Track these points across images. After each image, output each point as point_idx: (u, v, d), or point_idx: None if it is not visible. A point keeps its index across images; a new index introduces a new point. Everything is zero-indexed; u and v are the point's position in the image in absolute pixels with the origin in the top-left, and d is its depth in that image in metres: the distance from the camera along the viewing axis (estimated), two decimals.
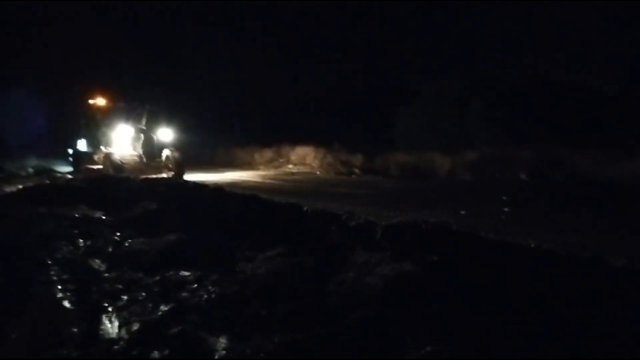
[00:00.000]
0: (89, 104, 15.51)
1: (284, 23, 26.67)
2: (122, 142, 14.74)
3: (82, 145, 16.01)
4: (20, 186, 11.10)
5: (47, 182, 11.52)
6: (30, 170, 18.22)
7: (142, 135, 14.96)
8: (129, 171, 12.92)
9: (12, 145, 20.95)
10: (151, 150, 14.93)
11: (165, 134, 14.99)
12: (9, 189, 10.83)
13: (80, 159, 15.51)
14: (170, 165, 14.60)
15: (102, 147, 14.82)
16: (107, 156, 14.01)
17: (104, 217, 7.43)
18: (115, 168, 13.27)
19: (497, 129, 18.05)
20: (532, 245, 3.37)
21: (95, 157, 14.93)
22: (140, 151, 14.93)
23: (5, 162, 18.54)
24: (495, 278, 3.18)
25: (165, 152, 14.72)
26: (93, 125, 15.40)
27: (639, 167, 10.85)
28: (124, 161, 13.97)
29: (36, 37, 27.23)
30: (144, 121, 15.11)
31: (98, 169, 14.07)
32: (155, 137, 14.99)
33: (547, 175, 13.05)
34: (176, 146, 15.04)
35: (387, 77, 23.54)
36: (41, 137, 21.39)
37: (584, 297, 2.99)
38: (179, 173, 14.37)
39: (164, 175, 13.99)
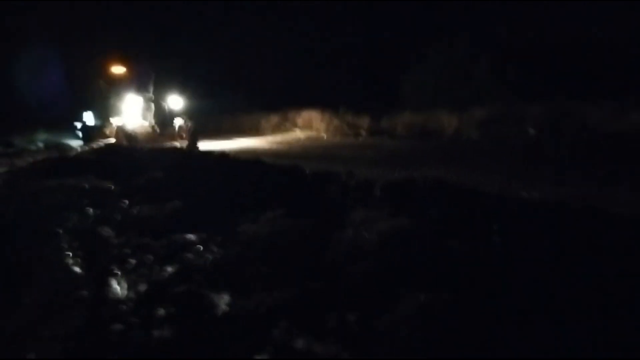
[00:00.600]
0: (96, 76, 15.42)
1: None
2: (133, 112, 14.62)
3: (89, 118, 15.93)
4: (31, 160, 11.29)
5: (57, 155, 11.67)
6: (40, 144, 18.40)
7: (152, 105, 14.84)
8: (142, 142, 12.92)
9: (22, 120, 21.01)
10: (163, 119, 14.85)
11: (176, 102, 14.81)
12: (20, 163, 11.01)
13: (89, 132, 15.44)
14: (184, 135, 14.44)
15: (111, 119, 14.75)
16: (119, 128, 13.95)
17: (112, 187, 7.56)
18: (129, 139, 13.24)
19: (504, 86, 17.76)
20: (525, 196, 3.40)
21: (107, 130, 14.85)
22: (153, 121, 14.83)
23: (16, 137, 18.72)
24: (489, 230, 3.23)
25: (178, 121, 14.58)
26: (100, 97, 15.31)
27: None
28: (136, 132, 13.92)
29: (36, 12, 26.98)
30: (151, 90, 14.92)
31: (110, 142, 14.02)
32: (166, 106, 14.85)
33: (555, 129, 12.91)
34: (188, 114, 14.84)
35: (393, 37, 23.11)
36: (51, 110, 21.42)
37: (578, 245, 3.04)
38: (193, 142, 14.16)
39: (177, 144, 13.86)
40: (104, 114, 15.11)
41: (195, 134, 14.29)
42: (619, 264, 2.83)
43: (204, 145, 13.93)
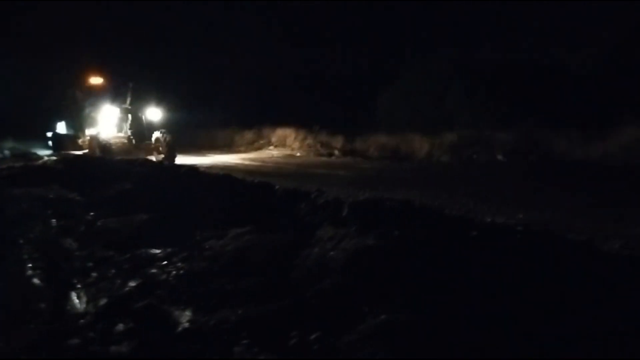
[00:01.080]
0: (70, 85, 15.07)
1: (264, 5, 26.37)
2: (108, 123, 14.22)
3: (62, 127, 15.51)
4: None
5: (23, 164, 11.40)
6: (7, 152, 17.97)
7: (129, 116, 14.41)
8: (116, 154, 12.48)
9: None
10: (140, 131, 14.39)
11: (154, 114, 14.39)
12: None
13: (60, 142, 15.03)
14: (161, 148, 13.99)
15: (85, 130, 14.31)
16: (94, 138, 13.49)
17: (78, 198, 7.43)
18: (103, 150, 12.78)
19: (476, 111, 18.20)
20: (488, 220, 3.48)
21: (80, 140, 14.40)
22: (129, 132, 14.40)
23: None
24: (453, 251, 3.29)
25: (156, 134, 14.12)
26: (75, 107, 14.87)
27: (610, 147, 11.09)
28: (111, 143, 13.49)
29: (13, 15, 26.47)
30: (128, 100, 14.49)
31: (83, 153, 13.57)
32: (143, 118, 14.41)
33: (523, 156, 13.26)
34: (167, 127, 14.42)
35: (368, 59, 23.49)
36: (20, 120, 20.93)
37: (535, 267, 3.12)
38: (170, 156, 13.78)
39: (153, 158, 13.46)
40: (78, 124, 14.76)
41: (174, 147, 13.96)
42: (573, 288, 2.91)
43: (178, 160, 13.78)
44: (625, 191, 7.78)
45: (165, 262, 4.09)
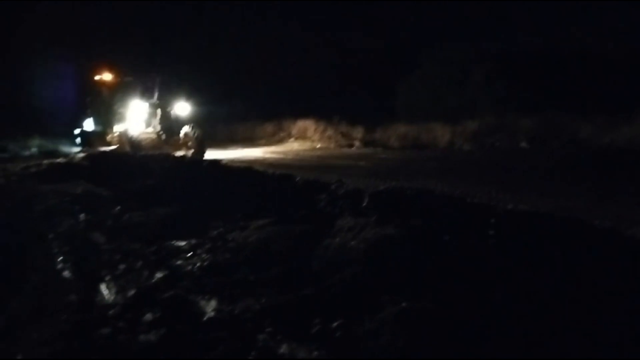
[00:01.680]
0: (96, 80, 14.78)
1: None
2: (137, 118, 13.91)
3: (89, 124, 15.40)
4: (24, 165, 11.29)
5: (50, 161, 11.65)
6: (34, 149, 18.38)
7: (158, 111, 14.17)
8: (146, 149, 12.28)
9: (16, 125, 20.92)
10: (169, 126, 14.11)
11: (183, 109, 14.04)
12: (13, 168, 11.01)
13: (88, 139, 14.85)
14: (190, 143, 13.70)
15: (114, 126, 14.11)
16: (123, 134, 13.28)
17: (104, 193, 7.59)
18: (133, 146, 12.55)
19: (498, 98, 17.98)
20: (510, 207, 3.47)
21: (108, 137, 14.23)
22: (158, 128, 14.15)
23: (9, 142, 18.69)
24: (474, 239, 3.29)
25: (185, 129, 13.79)
26: (102, 103, 14.67)
27: (636, 132, 10.85)
28: (140, 139, 13.26)
29: (40, 10, 26.70)
30: (156, 95, 14.26)
31: (111, 149, 13.31)
32: (172, 112, 14.11)
33: (546, 142, 13.06)
34: (196, 122, 14.08)
35: (387, 48, 23.34)
36: (47, 117, 21.30)
37: (565, 256, 3.10)
38: (200, 151, 13.50)
39: (182, 153, 13.11)
40: (105, 121, 14.53)
41: (203, 142, 13.74)
42: (598, 274, 2.89)
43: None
44: None
45: (190, 254, 4.18)
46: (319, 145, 17.14)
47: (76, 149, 15.10)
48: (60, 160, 10.91)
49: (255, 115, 20.52)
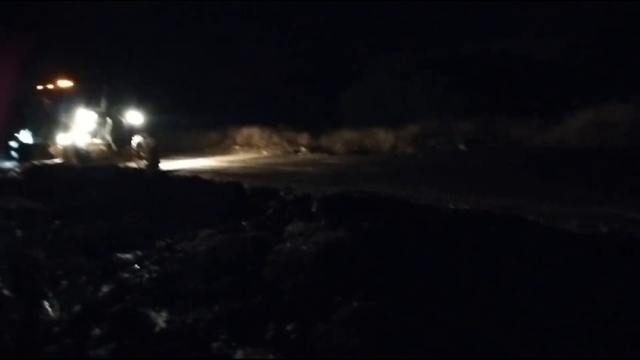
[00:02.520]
0: (36, 89, 13.88)
1: (222, 3, 26.15)
2: (84, 129, 12.94)
3: (26, 136, 14.53)
4: None
5: None
6: None
7: (108, 120, 13.20)
8: (96, 161, 11.62)
9: None
10: (121, 136, 13.17)
11: (135, 118, 13.24)
12: None
13: (26, 151, 13.89)
14: (143, 153, 12.89)
15: (56, 137, 13.13)
16: (69, 146, 12.27)
17: (42, 207, 7.27)
18: (81, 159, 11.64)
19: (438, 103, 18.57)
20: (452, 207, 3.62)
21: (51, 149, 13.27)
22: (109, 138, 13.17)
23: None
24: (420, 239, 3.41)
25: (137, 139, 12.99)
26: (42, 113, 13.80)
27: (566, 132, 11.52)
28: (89, 150, 12.36)
29: None
30: (103, 104, 13.27)
31: (55, 163, 12.47)
32: (124, 121, 13.23)
33: (483, 144, 13.62)
34: (148, 131, 13.25)
35: (329, 56, 23.63)
36: None
37: (505, 249, 3.27)
38: (153, 161, 12.72)
39: (134, 164, 12.51)
40: (46, 132, 13.61)
41: (157, 152, 12.98)
42: (540, 268, 3.07)
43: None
44: (581, 173, 8.12)
45: (137, 266, 4.10)
46: (265, 152, 17.09)
47: (11, 163, 14.19)
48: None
49: (199, 123, 20.19)
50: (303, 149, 16.68)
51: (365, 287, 3.01)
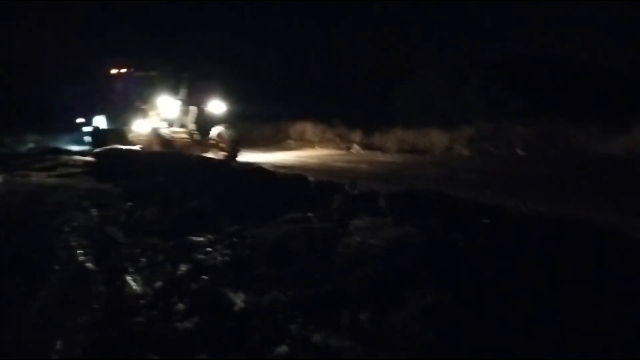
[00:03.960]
0: (113, 74, 13.76)
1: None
2: (166, 116, 12.76)
3: (101, 121, 14.42)
4: (26, 160, 11.29)
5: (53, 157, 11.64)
6: (31, 145, 18.24)
7: (192, 109, 12.98)
8: (178, 149, 11.41)
9: (12, 119, 20.66)
10: (204, 126, 13.00)
11: (218, 107, 12.89)
12: (15, 162, 11.02)
13: (101, 137, 13.57)
14: (222, 144, 12.70)
15: (133, 124, 13.04)
16: (153, 133, 11.97)
17: (113, 189, 7.67)
18: (164, 146, 11.38)
19: (494, 105, 18.24)
20: (523, 210, 3.64)
21: (129, 135, 13.04)
22: (192, 127, 13.03)
23: (5, 137, 18.50)
24: (489, 239, 3.45)
25: (217, 129, 12.79)
26: (119, 98, 13.64)
27: (632, 142, 11.11)
28: (174, 138, 12.07)
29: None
30: (184, 92, 12.96)
31: (131, 148, 11.86)
32: (206, 111, 12.97)
33: (542, 150, 13.30)
34: (229, 121, 13.04)
35: (387, 53, 23.59)
36: (45, 111, 21.03)
37: (570, 255, 3.26)
38: (233, 153, 12.50)
39: (212, 155, 12.15)
40: (123, 118, 13.49)
41: (237, 144, 12.73)
42: (614, 273, 3.06)
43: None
44: None
45: (210, 249, 4.29)
46: (317, 147, 17.26)
47: (83, 148, 14.31)
48: (64, 156, 10.91)
49: (253, 116, 20.55)
50: (356, 145, 16.75)
51: (436, 283, 3.07)
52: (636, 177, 8.56)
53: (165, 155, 9.29)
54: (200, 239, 4.61)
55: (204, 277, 3.61)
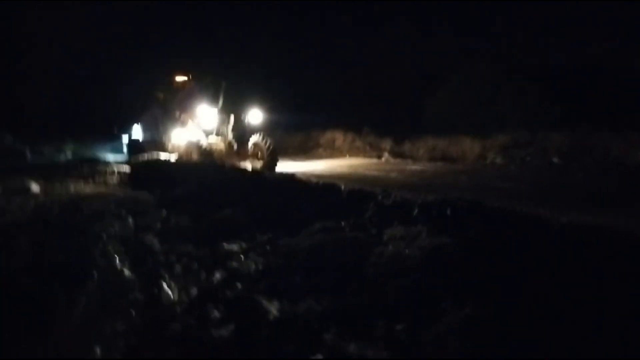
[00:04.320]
0: (154, 85, 13.67)
1: (316, 5, 26.67)
2: (205, 126, 12.38)
3: (137, 131, 14.41)
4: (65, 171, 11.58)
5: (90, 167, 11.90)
6: (69, 154, 18.71)
7: (231, 118, 12.60)
8: (217, 160, 11.15)
9: (49, 128, 21.15)
10: (242, 135, 12.60)
11: (255, 116, 12.52)
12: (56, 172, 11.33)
13: (138, 147, 13.49)
14: (260, 154, 12.29)
15: (173, 134, 12.76)
16: (193, 144, 11.69)
17: (147, 197, 7.82)
18: (204, 155, 11.13)
19: (528, 113, 17.92)
20: (563, 221, 3.54)
21: (169, 146, 12.77)
22: (230, 136, 12.64)
23: (44, 146, 18.97)
24: (527, 250, 3.36)
25: (254, 138, 12.37)
26: (160, 109, 13.36)
27: None
28: (213, 149, 11.81)
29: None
30: (221, 101, 12.64)
31: (167, 157, 11.71)
32: (246, 120, 12.58)
33: (579, 159, 12.96)
34: (267, 131, 12.61)
35: (418, 60, 23.46)
36: (83, 120, 21.53)
37: (608, 268, 3.16)
38: (271, 163, 12.08)
39: (248, 165, 11.82)
40: (161, 128, 13.23)
41: (276, 154, 12.30)
42: None
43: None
44: None
45: (243, 257, 4.32)
46: (347, 156, 17.24)
47: (115, 156, 14.52)
48: (101, 166, 11.16)
49: (284, 124, 20.69)
50: (386, 153, 16.66)
51: (473, 294, 3.01)
52: None
53: (198, 165, 9.41)
54: (234, 247, 4.65)
55: (239, 284, 3.63)
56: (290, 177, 6.48)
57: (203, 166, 8.72)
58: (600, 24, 20.46)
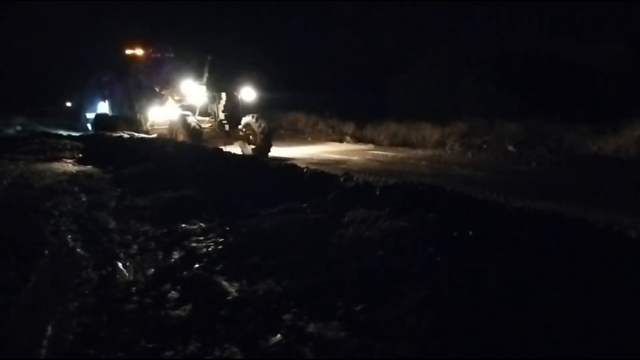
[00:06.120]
0: (124, 56, 12.38)
1: None
2: (192, 104, 11.41)
3: (104, 108, 13.50)
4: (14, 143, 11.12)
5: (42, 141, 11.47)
6: (19, 128, 18.02)
7: (223, 96, 11.35)
8: (205, 141, 10.22)
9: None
10: (235, 115, 11.42)
11: (247, 94, 11.48)
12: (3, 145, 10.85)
13: (104, 124, 12.51)
14: (252, 137, 11.40)
15: (148, 111, 11.77)
16: (178, 122, 10.51)
17: (101, 174, 7.58)
18: (192, 136, 10.10)
19: (486, 101, 18.28)
20: (517, 206, 3.63)
21: (147, 124, 11.82)
22: (222, 116, 11.40)
23: None
24: (483, 232, 3.44)
25: (247, 119, 11.42)
26: (130, 84, 12.30)
27: (621, 141, 11.19)
28: (203, 128, 10.82)
29: None
30: (205, 77, 11.65)
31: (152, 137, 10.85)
32: (239, 98, 11.46)
33: (533, 147, 13.35)
34: (261, 111, 11.73)
35: (379, 48, 23.55)
36: (37, 95, 20.73)
37: (552, 245, 3.27)
38: (265, 147, 11.17)
39: (239, 149, 11.13)
40: (135, 105, 12.16)
41: (270, 136, 11.36)
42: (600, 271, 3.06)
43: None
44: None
45: (202, 238, 4.26)
46: (309, 138, 17.21)
47: (68, 131, 13.73)
48: (52, 140, 10.75)
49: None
50: (348, 137, 16.72)
51: (431, 277, 3.06)
52: (626, 176, 8.64)
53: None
54: (193, 226, 4.57)
55: (197, 265, 3.58)
56: (249, 158, 6.40)
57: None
58: (558, 16, 21.01)
